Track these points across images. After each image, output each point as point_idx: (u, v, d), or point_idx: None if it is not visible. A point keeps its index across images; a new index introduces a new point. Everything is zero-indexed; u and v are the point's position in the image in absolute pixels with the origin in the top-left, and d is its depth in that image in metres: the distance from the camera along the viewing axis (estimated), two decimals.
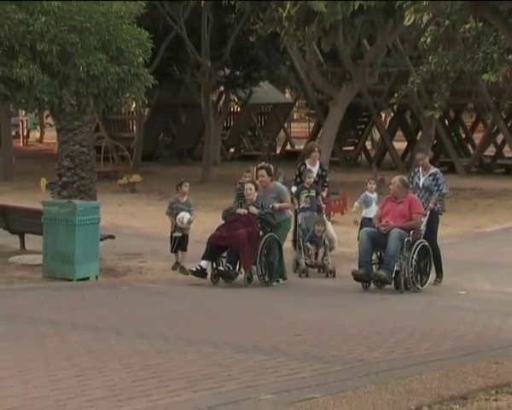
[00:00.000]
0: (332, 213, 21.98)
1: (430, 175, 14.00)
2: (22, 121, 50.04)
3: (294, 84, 44.76)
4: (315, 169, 15.28)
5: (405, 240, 12.89)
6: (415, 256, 12.94)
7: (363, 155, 41.55)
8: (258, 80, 39.17)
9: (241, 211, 13.53)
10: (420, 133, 37.99)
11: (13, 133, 37.61)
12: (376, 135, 46.12)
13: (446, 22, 8.81)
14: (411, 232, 13.00)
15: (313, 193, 14.97)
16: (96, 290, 12.22)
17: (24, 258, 14.71)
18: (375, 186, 16.16)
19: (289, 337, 9.07)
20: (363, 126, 42.39)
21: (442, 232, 20.20)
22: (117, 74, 13.09)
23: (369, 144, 44.94)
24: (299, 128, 55.57)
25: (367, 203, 15.91)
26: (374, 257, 13.19)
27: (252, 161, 31.22)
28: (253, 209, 13.49)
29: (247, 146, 45.64)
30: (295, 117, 62.45)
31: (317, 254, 14.53)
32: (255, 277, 13.21)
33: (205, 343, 8.51)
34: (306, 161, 15.39)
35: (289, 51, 32.05)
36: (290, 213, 14.31)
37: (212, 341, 8.65)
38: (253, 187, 13.73)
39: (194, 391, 6.68)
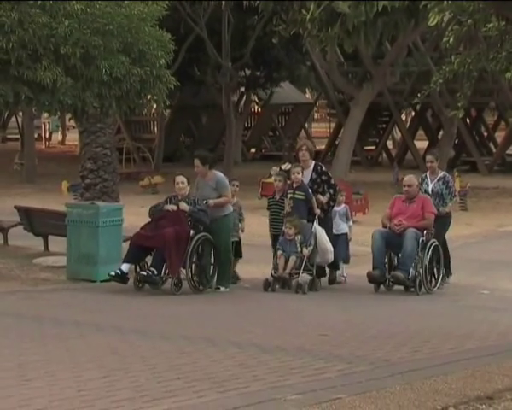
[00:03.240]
0: (354, 212, 22.04)
1: (439, 180, 13.60)
2: (44, 123, 50.32)
3: (315, 84, 44.75)
4: (307, 173, 12.78)
5: (420, 240, 12.69)
6: (428, 256, 12.79)
7: (385, 155, 41.49)
8: (278, 81, 39.22)
9: (170, 207, 12.09)
10: (441, 132, 37.88)
11: (35, 135, 37.85)
12: (397, 134, 46.05)
13: (469, 21, 8.80)
14: (425, 232, 12.77)
15: (300, 195, 12.45)
16: (119, 292, 12.25)
17: (48, 260, 14.79)
18: (342, 198, 14.09)
19: (313, 338, 9.08)
20: (384, 126, 42.36)
21: (465, 231, 20.25)
22: (139, 76, 13.14)
23: (390, 144, 44.86)
24: (320, 128, 55.62)
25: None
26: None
27: (273, 161, 31.25)
28: (184, 205, 12.04)
29: (268, 146, 45.69)
30: (316, 117, 62.49)
31: (286, 264, 12.33)
32: (185, 282, 11.91)
33: (229, 344, 8.53)
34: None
35: (310, 51, 32.07)
36: (230, 208, 12.65)
37: (237, 342, 8.67)
38: (185, 180, 12.38)
39: (219, 392, 6.70)
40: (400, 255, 12.68)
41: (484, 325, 10.35)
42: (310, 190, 12.59)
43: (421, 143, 40.90)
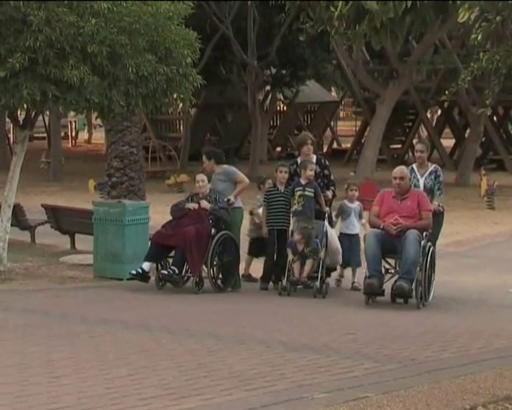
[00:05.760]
0: None
1: (430, 173, 12.09)
2: (71, 122, 50.53)
3: (341, 82, 44.65)
4: None
5: (422, 243, 11.12)
6: (428, 262, 11.30)
7: (411, 153, 41.31)
8: (304, 79, 39.13)
9: (191, 205, 12.07)
10: (468, 130, 37.68)
11: (61, 134, 38.04)
12: (424, 132, 45.84)
13: (497, 18, 8.74)
14: (424, 234, 11.23)
15: (309, 192, 11.99)
16: (146, 289, 12.30)
17: (75, 258, 14.88)
18: (357, 194, 13.24)
19: (340, 336, 9.06)
20: (410, 124, 42.18)
21: (492, 230, 20.15)
22: (165, 75, 13.14)
23: (416, 142, 44.67)
24: (346, 126, 55.47)
25: (345, 215, 13.02)
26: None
27: None
28: (205, 203, 12.03)
29: (294, 145, 45.63)
30: (341, 115, 62.32)
31: (302, 267, 11.81)
32: (207, 281, 11.89)
33: (256, 342, 8.53)
34: (298, 159, 12.78)
35: (336, 49, 31.99)
36: (240, 202, 12.59)
37: (264, 340, 8.67)
38: (205, 178, 12.31)
39: (246, 390, 6.70)
40: (402, 262, 11.08)
41: None
42: (318, 187, 12.18)
43: (448, 142, 40.68)
